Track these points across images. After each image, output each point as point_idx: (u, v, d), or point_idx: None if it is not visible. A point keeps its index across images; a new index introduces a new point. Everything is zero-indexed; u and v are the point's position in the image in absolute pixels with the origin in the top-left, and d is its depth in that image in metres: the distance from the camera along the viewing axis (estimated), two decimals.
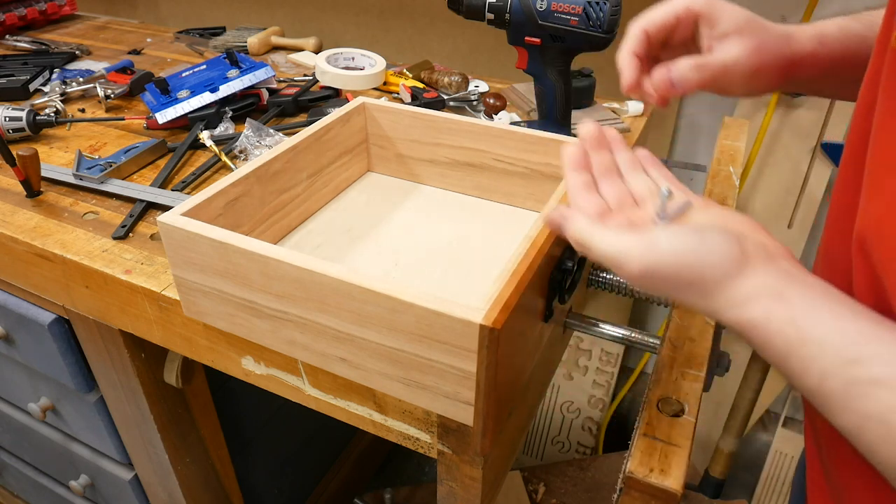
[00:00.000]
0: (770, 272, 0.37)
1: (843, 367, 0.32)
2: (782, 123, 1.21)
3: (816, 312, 0.34)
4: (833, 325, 0.34)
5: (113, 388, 0.81)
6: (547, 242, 0.50)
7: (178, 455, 0.86)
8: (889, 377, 0.31)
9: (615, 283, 0.69)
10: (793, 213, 1.27)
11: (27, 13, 1.38)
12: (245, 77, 0.96)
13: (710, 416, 1.53)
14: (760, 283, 0.36)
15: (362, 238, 0.69)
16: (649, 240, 0.38)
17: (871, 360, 0.32)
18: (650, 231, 0.39)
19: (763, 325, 0.35)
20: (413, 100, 0.99)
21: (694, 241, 0.38)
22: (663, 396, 0.49)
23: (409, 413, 0.55)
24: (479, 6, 0.78)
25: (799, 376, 0.34)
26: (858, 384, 0.32)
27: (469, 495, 0.58)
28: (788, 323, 0.34)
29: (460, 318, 0.43)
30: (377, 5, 1.39)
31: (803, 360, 0.34)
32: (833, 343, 0.33)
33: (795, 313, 0.35)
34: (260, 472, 1.11)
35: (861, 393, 0.32)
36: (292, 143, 0.66)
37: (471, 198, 0.76)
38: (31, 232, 0.70)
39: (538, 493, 1.34)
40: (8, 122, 0.88)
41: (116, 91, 1.02)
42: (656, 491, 0.42)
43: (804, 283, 0.36)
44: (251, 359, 0.61)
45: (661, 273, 0.38)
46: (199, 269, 0.54)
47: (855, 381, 0.32)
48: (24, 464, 1.13)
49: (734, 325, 0.37)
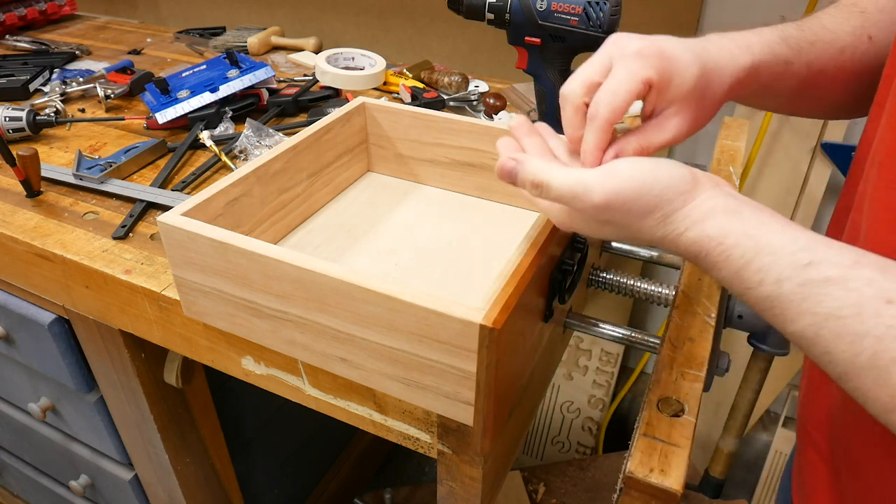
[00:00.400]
0: (720, 194, 0.39)
1: (797, 271, 0.34)
2: (782, 123, 1.21)
3: (769, 226, 0.37)
4: (785, 236, 0.36)
5: (113, 388, 0.81)
6: (547, 242, 0.50)
7: (178, 455, 0.86)
8: (841, 276, 0.33)
9: (615, 283, 0.69)
10: (793, 213, 1.27)
11: (27, 13, 1.38)
12: (245, 77, 0.96)
13: (710, 416, 1.53)
14: (714, 202, 0.38)
15: (362, 238, 0.69)
16: (608, 168, 0.40)
17: (822, 262, 0.34)
18: (607, 164, 0.41)
19: (720, 240, 0.37)
20: (413, 100, 0.99)
21: (650, 165, 0.40)
22: (663, 396, 0.49)
23: (409, 413, 0.55)
24: (479, 6, 0.78)
25: (756, 286, 0.36)
26: (813, 284, 0.34)
27: (469, 495, 0.58)
28: (745, 236, 0.37)
29: (460, 318, 0.43)
30: (377, 5, 1.39)
31: (760, 269, 0.36)
32: (787, 251, 0.35)
33: (749, 227, 0.37)
34: (260, 472, 1.11)
35: (816, 292, 0.34)
36: (292, 143, 0.66)
37: (471, 198, 0.76)
38: (31, 232, 0.70)
39: (538, 493, 1.34)
40: (8, 122, 0.88)
41: (116, 91, 1.02)
42: (656, 491, 0.42)
43: (752, 204, 0.39)
44: (251, 359, 0.61)
45: (622, 199, 0.39)
46: (199, 269, 0.54)
47: (809, 281, 0.34)
48: (24, 464, 1.13)
49: (692, 244, 0.39)
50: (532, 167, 0.42)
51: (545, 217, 0.52)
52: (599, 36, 0.74)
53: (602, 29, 0.73)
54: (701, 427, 1.54)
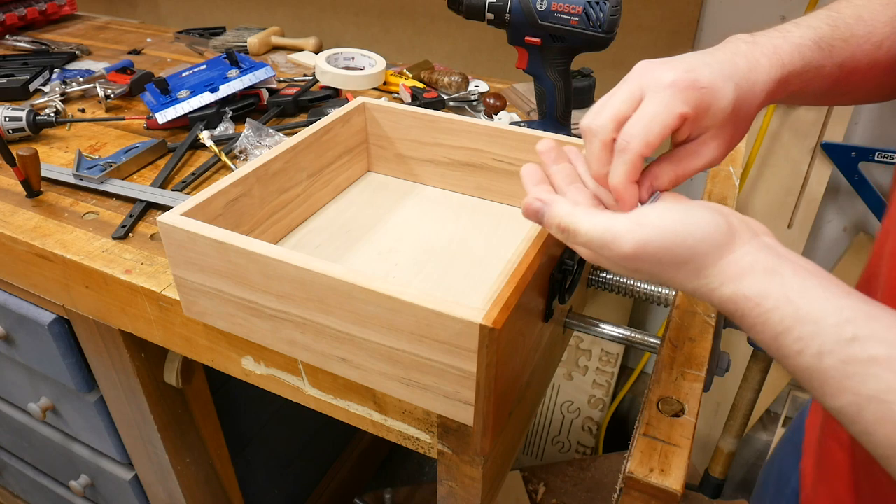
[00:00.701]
0: (759, 247, 0.36)
1: (840, 345, 0.32)
2: (782, 123, 1.21)
3: (811, 290, 0.34)
4: (828, 304, 0.33)
5: (113, 388, 0.81)
6: (547, 242, 0.50)
7: (178, 455, 0.86)
8: (887, 357, 0.31)
9: (615, 283, 0.69)
10: (793, 213, 1.27)
11: (27, 13, 1.38)
12: (245, 77, 0.96)
13: (710, 416, 1.53)
14: (752, 258, 0.36)
15: (362, 238, 0.69)
16: (637, 216, 0.37)
17: (868, 338, 0.32)
18: (636, 210, 0.38)
19: (758, 301, 0.35)
20: (413, 100, 0.99)
21: (681, 213, 0.37)
22: (663, 396, 0.49)
23: (409, 413, 0.55)
24: (479, 6, 0.78)
25: (794, 356, 0.34)
26: (857, 363, 0.32)
27: (469, 495, 0.58)
28: (785, 300, 0.34)
29: (460, 318, 0.43)
30: (377, 5, 1.39)
31: (800, 338, 0.33)
32: (830, 321, 0.33)
33: (790, 290, 0.34)
34: (260, 472, 1.11)
35: (859, 372, 0.32)
36: (292, 143, 0.66)
37: (471, 198, 0.76)
38: (31, 232, 0.70)
39: (538, 493, 1.34)
40: (8, 122, 0.88)
41: (116, 91, 1.02)
42: (656, 491, 0.42)
43: (793, 261, 0.36)
44: (251, 359, 0.61)
45: (652, 249, 0.36)
46: (199, 269, 0.54)
47: (853, 359, 0.32)
48: (24, 464, 1.13)
49: (727, 301, 0.36)
50: (559, 211, 0.40)
51: None
52: (599, 36, 0.74)
53: (602, 29, 0.73)
54: (701, 427, 1.54)
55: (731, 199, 0.76)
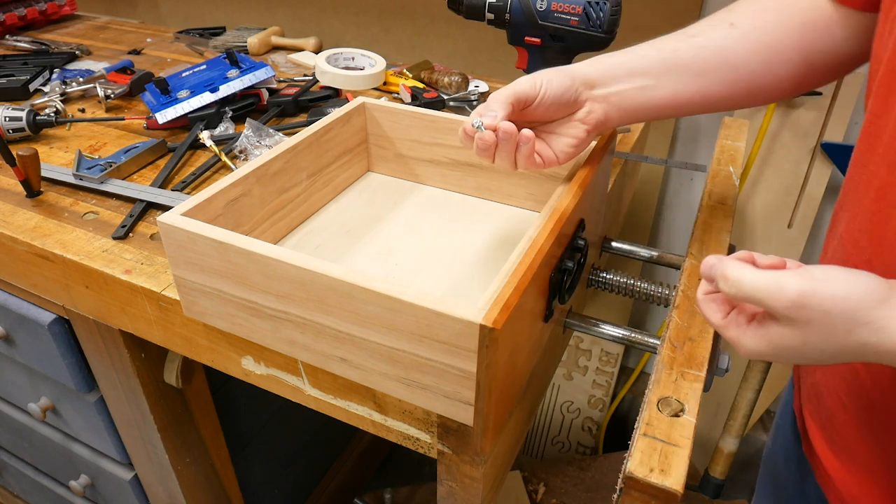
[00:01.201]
0: None
1: None
2: (782, 123, 1.21)
3: None
4: None
5: (113, 388, 0.81)
6: (547, 242, 0.50)
7: (178, 455, 0.86)
8: None
9: (615, 283, 0.69)
10: (793, 213, 1.27)
11: (27, 13, 1.38)
12: (245, 77, 0.96)
13: (710, 416, 1.53)
14: None
15: (362, 238, 0.69)
16: (802, 270, 0.39)
17: None
18: (804, 267, 0.40)
19: None
20: (413, 100, 0.99)
21: (842, 271, 0.38)
22: (663, 396, 0.49)
23: (409, 413, 0.55)
24: (479, 6, 0.78)
25: None
26: None
27: (469, 495, 0.58)
28: None
29: (460, 318, 0.43)
30: (377, 5, 1.39)
31: None
32: None
33: None
34: (260, 472, 1.11)
35: None
36: (292, 143, 0.66)
37: (471, 198, 0.76)
38: (31, 232, 0.70)
39: (538, 493, 1.34)
40: (8, 122, 0.88)
41: (116, 91, 1.02)
42: (656, 491, 0.42)
43: None
44: (251, 359, 0.61)
45: (817, 298, 0.37)
46: (199, 269, 0.54)
47: None
48: (24, 464, 1.13)
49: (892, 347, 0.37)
50: (731, 265, 0.41)
51: (545, 217, 0.52)
52: (599, 36, 0.74)
53: (602, 29, 0.73)
54: (701, 427, 1.54)
55: (731, 199, 0.76)
